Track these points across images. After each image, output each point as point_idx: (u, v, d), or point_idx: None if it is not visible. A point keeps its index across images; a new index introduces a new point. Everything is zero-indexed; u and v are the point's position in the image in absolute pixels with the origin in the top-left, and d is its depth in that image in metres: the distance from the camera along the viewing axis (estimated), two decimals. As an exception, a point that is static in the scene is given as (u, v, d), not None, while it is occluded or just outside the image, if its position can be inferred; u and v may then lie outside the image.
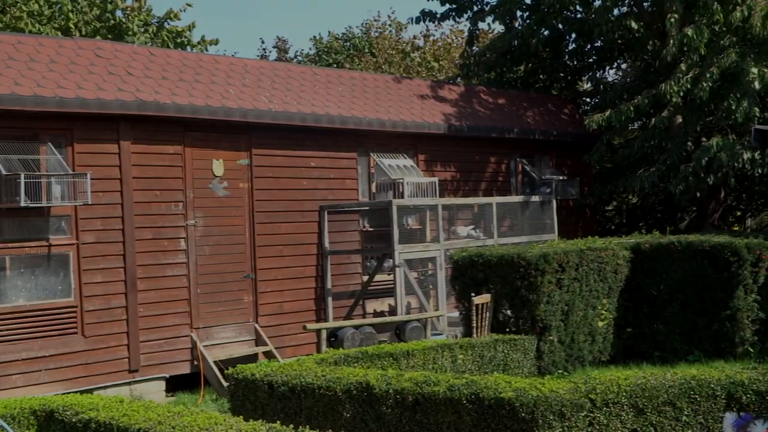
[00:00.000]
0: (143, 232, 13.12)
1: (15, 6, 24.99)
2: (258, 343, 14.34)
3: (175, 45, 27.93)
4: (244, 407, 9.40)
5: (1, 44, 12.57)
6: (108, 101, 12.59)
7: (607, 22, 19.09)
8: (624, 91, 20.55)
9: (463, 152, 18.08)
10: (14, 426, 8.05)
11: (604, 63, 23.78)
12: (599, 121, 18.10)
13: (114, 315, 12.77)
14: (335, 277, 15.46)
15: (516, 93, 21.44)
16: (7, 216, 11.92)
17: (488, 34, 31.19)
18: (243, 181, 14.45)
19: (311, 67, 17.83)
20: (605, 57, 23.31)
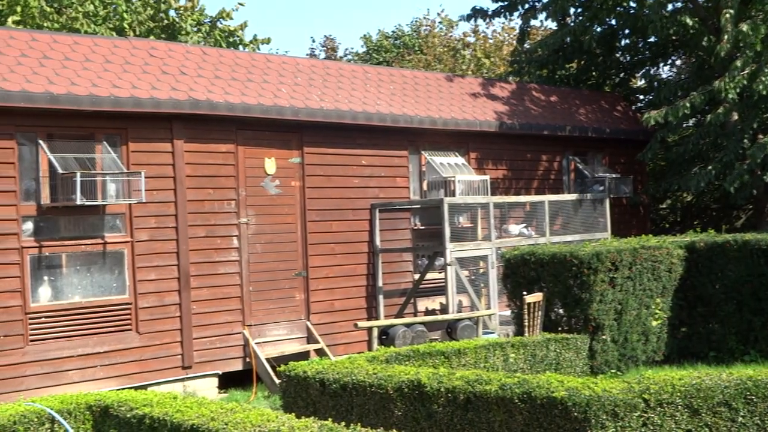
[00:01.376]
0: (196, 230, 13.23)
1: (71, 7, 25.32)
2: (309, 341, 14.40)
3: (227, 44, 28.12)
4: (296, 404, 9.44)
5: (58, 45, 12.74)
6: (162, 100, 12.72)
7: (661, 18, 18.88)
8: (678, 88, 20.30)
9: (514, 150, 18.00)
10: (70, 421, 8.16)
11: (658, 59, 23.53)
12: (656, 118, 17.89)
13: (167, 312, 12.89)
14: (386, 275, 15.47)
15: (568, 90, 21.29)
16: (63, 214, 12.09)
17: (539, 31, 31.03)
18: (295, 180, 14.51)
19: (362, 65, 17.85)
20: (659, 53, 23.05)
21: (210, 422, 7.01)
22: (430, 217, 15.88)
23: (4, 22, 23.93)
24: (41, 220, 11.94)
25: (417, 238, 16.09)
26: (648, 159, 19.57)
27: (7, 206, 11.54)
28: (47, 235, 11.98)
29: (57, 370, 11.79)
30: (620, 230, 18.44)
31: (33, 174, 11.89)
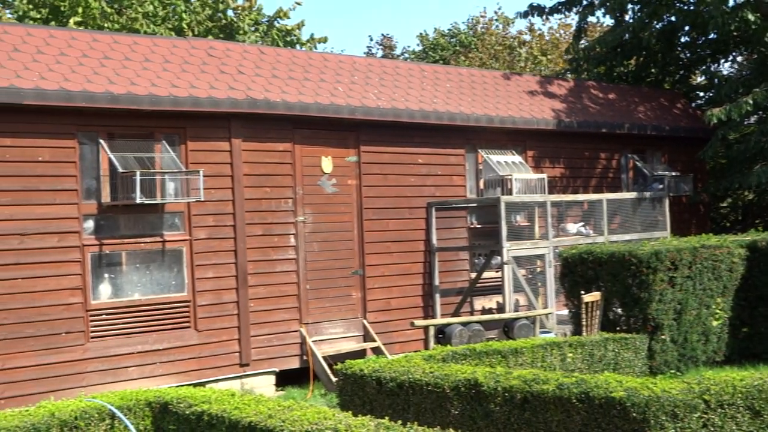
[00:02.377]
0: (254, 229, 13.31)
1: (131, 8, 25.62)
2: (366, 339, 14.42)
3: (284, 43, 28.28)
4: (353, 402, 9.46)
5: (118, 45, 12.90)
6: (220, 100, 12.82)
7: (722, 14, 18.60)
8: (740, 85, 19.99)
9: (572, 148, 17.87)
10: (130, 417, 8.25)
11: (719, 56, 23.19)
12: (718, 115, 17.62)
13: (225, 310, 12.99)
14: (443, 274, 15.44)
15: (627, 87, 21.08)
16: (123, 212, 12.24)
17: (597, 27, 30.76)
18: (351, 178, 14.54)
19: (419, 63, 17.82)
20: (719, 50, 22.72)
21: (267, 420, 7.05)
22: (486, 215, 15.82)
23: (66, 23, 24.29)
24: (102, 218, 12.10)
25: (473, 237, 16.04)
26: (708, 157, 19.32)
27: (69, 205, 11.71)
28: (107, 233, 12.14)
29: (117, 367, 11.94)
30: (680, 229, 18.22)
31: (94, 173, 12.05)
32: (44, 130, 11.55)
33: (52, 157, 11.60)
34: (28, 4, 25.25)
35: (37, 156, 11.49)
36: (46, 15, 25.12)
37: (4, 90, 10.98)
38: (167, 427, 8.22)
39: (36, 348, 11.34)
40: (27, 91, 11.16)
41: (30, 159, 11.43)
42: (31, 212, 11.42)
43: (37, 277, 11.42)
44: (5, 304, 11.14)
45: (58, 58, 11.99)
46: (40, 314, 11.41)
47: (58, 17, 24.95)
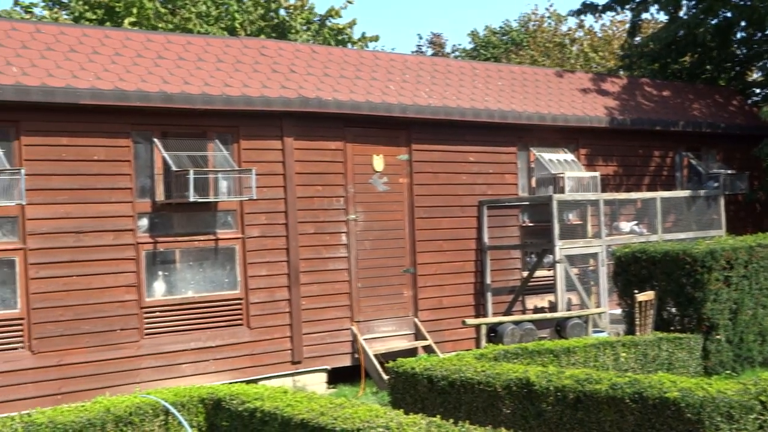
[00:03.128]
0: (306, 227, 13.37)
1: (184, 8, 25.85)
2: (417, 338, 14.42)
3: (336, 42, 28.37)
4: (404, 400, 9.46)
5: (172, 45, 13.03)
6: (272, 98, 12.89)
7: (779, 10, 18.33)
8: (797, 81, 19.70)
9: (625, 146, 17.71)
10: (184, 413, 8.33)
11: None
12: (776, 112, 17.36)
13: (278, 307, 13.06)
14: (494, 273, 15.39)
15: (681, 84, 20.85)
16: (177, 210, 12.36)
17: (650, 24, 30.46)
18: (403, 176, 14.54)
19: (470, 61, 17.77)
20: (776, 45, 22.39)
21: (319, 417, 7.08)
22: (538, 214, 15.74)
23: (121, 23, 24.57)
24: (156, 216, 12.23)
25: (525, 235, 15.97)
26: (764, 155, 19.02)
27: (124, 203, 11.84)
28: (161, 231, 12.26)
29: (170, 364, 12.06)
30: (735, 228, 17.97)
31: (148, 172, 12.18)
32: (100, 130, 11.70)
33: (107, 156, 11.74)
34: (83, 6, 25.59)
35: (93, 155, 11.64)
36: (102, 16, 25.44)
37: (61, 90, 11.14)
38: (220, 424, 8.28)
39: (92, 344, 11.50)
40: (83, 91, 11.31)
41: (86, 158, 11.58)
42: (87, 210, 11.57)
43: (93, 275, 11.57)
44: (62, 300, 11.30)
45: (114, 58, 12.13)
46: (95, 311, 11.56)
47: (113, 18, 25.26)
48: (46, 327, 11.18)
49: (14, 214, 11.08)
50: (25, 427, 7.47)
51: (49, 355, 11.17)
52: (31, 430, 7.45)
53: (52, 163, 11.32)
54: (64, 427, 7.59)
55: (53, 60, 11.56)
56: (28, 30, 11.98)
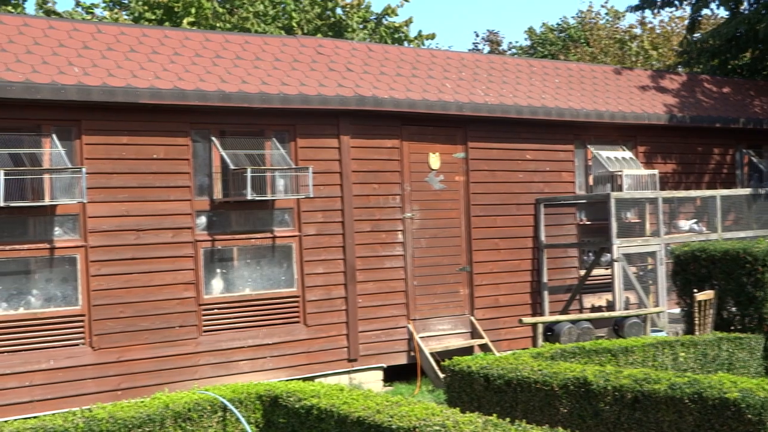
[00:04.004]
0: (362, 225, 13.41)
1: (242, 7, 26.05)
2: (473, 336, 14.39)
3: (392, 40, 28.40)
4: (460, 399, 9.45)
5: (230, 44, 13.14)
6: (329, 97, 12.94)
7: (843, 4, 17.99)
8: None
9: (684, 143, 17.49)
10: (241, 410, 8.40)
11: (839, 48, 22.42)
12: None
13: (334, 305, 13.12)
14: (551, 271, 15.31)
15: (742, 81, 20.55)
16: (234, 208, 12.46)
17: (710, 20, 30.07)
18: (459, 175, 14.52)
19: (527, 59, 17.69)
20: (840, 41, 21.96)
21: (376, 415, 7.10)
22: (596, 212, 15.62)
23: (180, 23, 24.83)
24: (214, 214, 12.34)
25: (583, 234, 15.86)
26: (827, 152, 18.70)
27: (183, 201, 11.97)
28: (219, 229, 12.37)
29: (228, 360, 12.17)
30: (797, 226, 17.67)
31: (206, 170, 12.30)
32: (159, 128, 11.84)
33: (166, 155, 11.88)
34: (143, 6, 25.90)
35: (153, 154, 11.78)
36: (161, 16, 25.74)
37: (121, 90, 11.29)
38: (277, 421, 8.34)
39: (151, 341, 11.64)
40: (143, 90, 11.45)
41: (145, 156, 11.73)
42: (147, 208, 11.72)
43: (152, 272, 11.71)
44: (122, 297, 11.46)
45: (173, 57, 12.27)
46: (155, 308, 11.70)
47: (172, 18, 25.54)
48: (107, 324, 11.34)
49: (76, 212, 11.25)
50: (86, 422, 7.58)
51: (109, 351, 11.33)
52: (91, 425, 7.56)
53: (112, 161, 11.48)
54: (123, 422, 7.69)
55: (113, 60, 11.72)
56: (89, 31, 12.16)
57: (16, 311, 10.91)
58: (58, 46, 11.52)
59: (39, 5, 25.08)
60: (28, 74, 10.80)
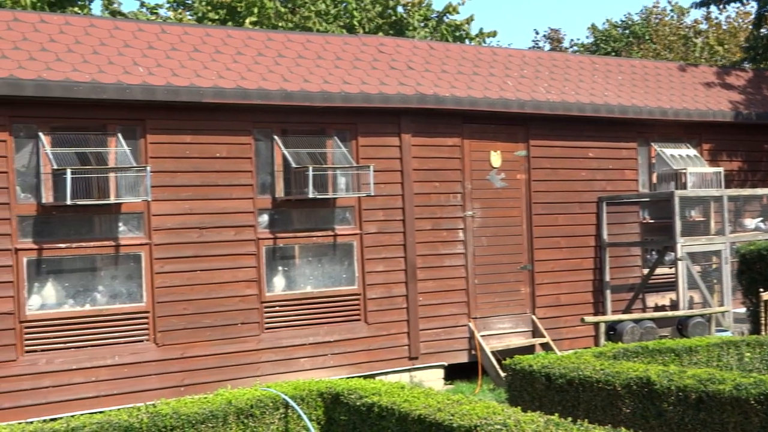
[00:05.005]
0: (423, 223, 13.41)
1: (304, 6, 26.19)
2: (535, 335, 14.32)
3: (453, 38, 28.35)
4: (522, 398, 9.41)
5: (292, 44, 13.22)
6: (390, 95, 12.95)
7: None
8: None
9: (751, 141, 17.21)
10: (303, 407, 8.45)
11: None
12: None
13: (395, 303, 13.14)
14: (614, 270, 15.17)
15: (810, 77, 20.15)
16: (296, 207, 12.54)
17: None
18: (520, 173, 14.45)
19: (589, 56, 17.53)
20: None
21: (437, 413, 7.09)
22: (659, 210, 15.44)
23: (242, 23, 25.04)
24: (276, 212, 12.43)
25: (646, 232, 15.69)
26: None
27: (245, 199, 12.08)
28: (281, 227, 12.45)
29: (289, 358, 12.24)
30: None
31: (268, 168, 12.38)
32: (222, 127, 11.95)
33: (229, 154, 11.99)
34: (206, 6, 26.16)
35: (216, 152, 11.89)
36: (224, 16, 25.98)
37: (185, 89, 11.42)
38: (338, 418, 8.37)
39: (214, 338, 11.76)
40: (206, 89, 11.57)
41: (209, 155, 11.85)
42: (210, 206, 11.84)
43: (215, 270, 11.83)
44: (186, 295, 11.59)
45: (235, 57, 12.38)
46: (218, 305, 11.82)
47: (235, 18, 25.76)
48: (170, 320, 11.49)
49: (140, 210, 11.41)
50: (151, 417, 7.68)
51: (172, 347, 11.47)
52: (156, 421, 7.66)
53: (176, 160, 11.62)
54: (187, 417, 7.78)
55: (177, 60, 11.86)
56: (153, 31, 12.32)
57: (82, 308, 11.10)
58: (124, 47, 11.69)
59: (105, 6, 25.47)
60: (95, 74, 10.98)
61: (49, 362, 10.70)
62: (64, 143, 10.88)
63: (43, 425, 7.49)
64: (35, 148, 10.85)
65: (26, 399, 10.52)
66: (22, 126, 10.81)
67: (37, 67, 10.70)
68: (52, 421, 7.73)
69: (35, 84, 10.51)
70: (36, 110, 10.80)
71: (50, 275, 10.97)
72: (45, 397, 10.61)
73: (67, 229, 11.02)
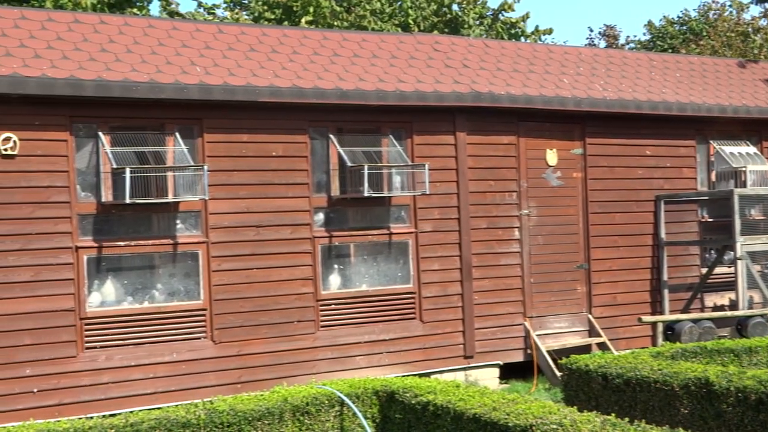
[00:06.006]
0: (478, 222, 13.38)
1: (359, 5, 26.26)
2: (591, 334, 14.22)
3: (509, 36, 28.25)
4: (578, 398, 9.37)
5: (347, 43, 13.27)
6: (445, 94, 12.94)
7: None
8: None
9: (813, 138, 16.92)
10: (358, 404, 8.48)
11: None
12: None
13: (450, 302, 13.12)
14: (671, 269, 15.01)
15: None
16: (351, 205, 12.58)
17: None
18: (576, 171, 14.36)
19: (646, 53, 17.36)
20: None
21: (492, 412, 7.08)
22: (718, 209, 15.24)
23: (298, 22, 25.18)
24: (331, 211, 12.48)
25: (704, 231, 15.50)
26: None
27: (301, 198, 12.14)
28: (336, 225, 12.50)
29: (345, 356, 12.28)
30: None
31: (324, 167, 12.44)
32: (278, 126, 12.02)
33: (285, 152, 12.06)
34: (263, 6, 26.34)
35: (272, 151, 11.97)
36: (280, 15, 26.14)
37: (241, 88, 11.51)
38: (393, 416, 8.40)
39: (270, 335, 11.84)
40: (262, 89, 11.65)
41: (265, 154, 11.93)
42: (266, 205, 11.91)
43: (271, 268, 11.90)
44: (243, 293, 11.68)
45: (291, 56, 12.45)
46: (274, 303, 11.90)
47: (291, 17, 25.91)
48: (227, 318, 11.59)
49: (198, 209, 11.52)
50: (208, 414, 7.77)
51: (229, 345, 11.57)
52: (213, 417, 7.74)
53: (233, 159, 11.71)
54: (243, 414, 7.86)
55: (234, 59, 11.96)
56: (210, 31, 12.44)
57: (141, 305, 11.24)
58: (181, 47, 11.82)
59: (163, 7, 25.76)
60: (153, 74, 11.11)
61: (108, 359, 10.86)
62: (123, 142, 11.03)
63: (102, 421, 7.60)
64: (95, 148, 11.02)
65: (86, 395, 10.68)
66: (82, 126, 10.97)
67: (97, 68, 10.86)
68: (111, 417, 7.84)
69: (95, 84, 10.66)
70: (96, 110, 10.96)
71: (109, 273, 11.12)
72: (104, 393, 10.77)
73: (126, 227, 11.17)
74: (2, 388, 10.25)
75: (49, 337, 10.54)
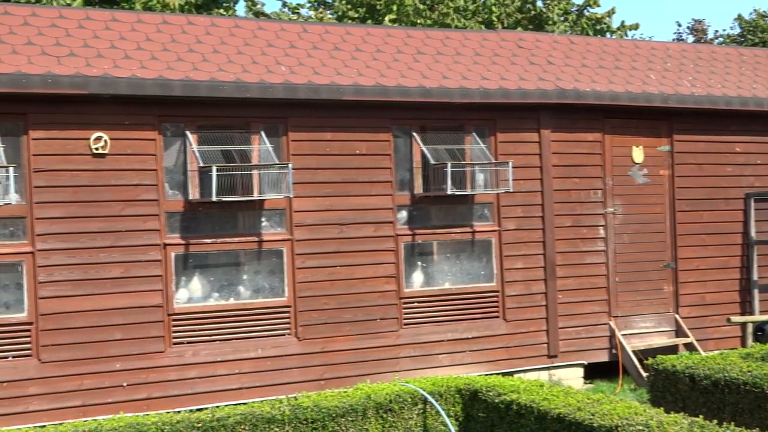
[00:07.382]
0: (562, 220, 13.26)
1: (442, 3, 26.24)
2: (678, 335, 13.99)
3: (594, 32, 27.94)
4: (664, 399, 9.23)
5: (430, 40, 13.26)
6: (529, 91, 12.86)
7: None
8: None
9: None
10: (441, 403, 8.49)
11: None
12: None
13: (534, 301, 13.04)
14: (762, 269, 14.68)
15: None
16: (434, 203, 12.57)
17: None
18: (663, 168, 14.14)
19: (737, 48, 17.02)
20: None
21: (576, 412, 7.03)
22: (811, 207, 14.87)
23: (382, 20, 25.26)
24: (414, 209, 12.49)
25: (797, 230, 15.14)
26: None
27: (384, 196, 12.17)
28: (419, 223, 12.51)
29: (428, 354, 12.29)
30: None
31: (407, 165, 12.45)
32: (362, 125, 12.08)
33: (368, 150, 12.10)
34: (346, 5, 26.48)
35: (355, 149, 12.02)
36: (363, 14, 26.25)
37: (325, 87, 11.59)
38: (476, 415, 8.38)
39: (353, 333, 11.90)
40: (346, 87, 11.71)
41: (348, 152, 11.98)
42: (349, 203, 11.98)
43: (354, 265, 11.96)
44: (326, 290, 11.77)
45: (375, 54, 12.49)
46: (357, 300, 11.96)
47: (374, 16, 26.00)
48: (311, 315, 11.68)
49: (282, 207, 11.63)
50: (292, 409, 7.85)
51: (313, 342, 11.66)
52: (297, 413, 7.82)
53: (317, 157, 11.80)
54: (327, 411, 7.92)
55: (318, 58, 12.04)
56: (295, 30, 12.55)
57: (227, 301, 11.39)
58: (266, 47, 11.94)
59: (248, 8, 26.06)
60: (239, 74, 11.25)
61: (195, 354, 11.04)
62: (210, 141, 11.19)
63: (189, 415, 7.74)
64: (182, 147, 11.20)
65: (174, 389, 10.87)
66: (170, 125, 11.16)
67: (185, 68, 11.04)
68: (198, 411, 7.97)
69: (183, 84, 10.84)
70: (183, 109, 11.14)
71: (196, 270, 11.30)
72: (191, 387, 10.95)
73: (212, 224, 11.33)
74: (93, 382, 10.48)
75: (138, 333, 10.76)
